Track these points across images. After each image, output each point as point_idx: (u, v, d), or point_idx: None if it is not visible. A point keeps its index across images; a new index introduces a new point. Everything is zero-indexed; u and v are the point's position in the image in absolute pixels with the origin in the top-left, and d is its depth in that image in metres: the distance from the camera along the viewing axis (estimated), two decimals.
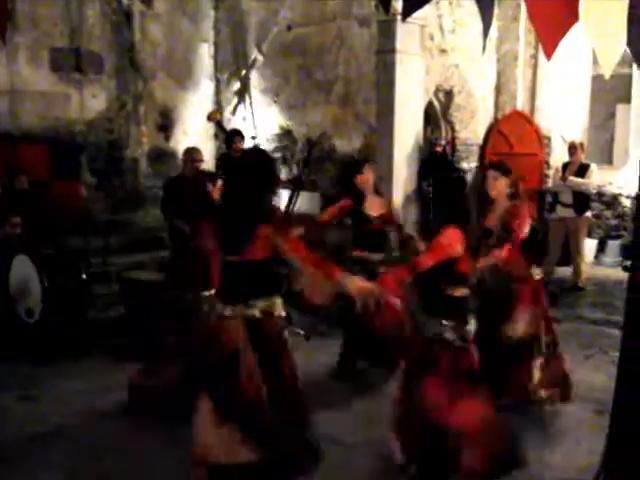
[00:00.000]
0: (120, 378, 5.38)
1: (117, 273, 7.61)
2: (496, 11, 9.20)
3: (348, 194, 5.88)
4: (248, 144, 8.62)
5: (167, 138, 10.74)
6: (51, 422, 4.76)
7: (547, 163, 10.78)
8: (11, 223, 6.65)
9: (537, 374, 4.83)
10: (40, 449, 4.36)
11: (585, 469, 3.33)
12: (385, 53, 8.94)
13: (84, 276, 6.68)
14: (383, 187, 9.32)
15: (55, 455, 4.28)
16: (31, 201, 7.22)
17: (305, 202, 7.82)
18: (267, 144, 10.53)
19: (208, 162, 8.34)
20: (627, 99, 10.28)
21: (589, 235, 9.71)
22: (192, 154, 6.92)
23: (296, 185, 6.97)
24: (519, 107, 10.90)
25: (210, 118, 8.95)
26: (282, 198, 7.39)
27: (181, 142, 10.51)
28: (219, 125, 9.19)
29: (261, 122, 10.73)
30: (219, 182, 5.75)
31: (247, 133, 9.07)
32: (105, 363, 5.92)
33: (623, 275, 9.25)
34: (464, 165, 10.53)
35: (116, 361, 6.00)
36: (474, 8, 2.24)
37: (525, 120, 10.76)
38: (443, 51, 9.93)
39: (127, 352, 6.09)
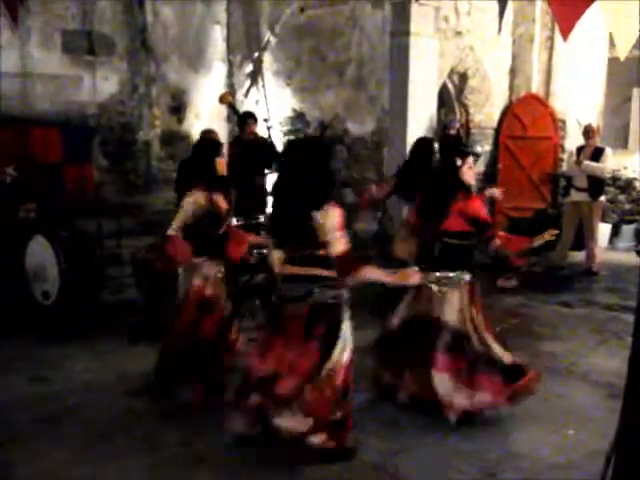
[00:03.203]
0: (132, 359, 5.41)
1: (130, 255, 7.62)
2: None
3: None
4: (261, 127, 8.59)
5: (179, 121, 10.73)
6: (63, 403, 4.78)
7: (562, 147, 10.70)
8: (26, 209, 6.69)
9: None
10: (51, 429, 4.38)
11: (596, 453, 3.32)
12: (399, 35, 8.85)
13: (99, 258, 6.71)
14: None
15: (66, 435, 4.30)
16: (43, 185, 7.24)
17: None
18: (280, 127, 10.50)
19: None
20: None
21: (603, 219, 9.66)
22: (209, 135, 6.95)
23: None
24: (534, 90, 10.81)
25: (222, 100, 8.94)
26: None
27: (193, 125, 10.51)
28: (232, 107, 9.17)
29: (274, 105, 10.70)
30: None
31: (260, 116, 9.04)
32: (118, 345, 5.94)
33: (637, 259, 9.23)
34: (478, 149, 10.45)
35: (129, 343, 6.04)
36: None
37: (540, 103, 10.68)
38: (458, 33, 9.84)
39: (140, 334, 6.12)
